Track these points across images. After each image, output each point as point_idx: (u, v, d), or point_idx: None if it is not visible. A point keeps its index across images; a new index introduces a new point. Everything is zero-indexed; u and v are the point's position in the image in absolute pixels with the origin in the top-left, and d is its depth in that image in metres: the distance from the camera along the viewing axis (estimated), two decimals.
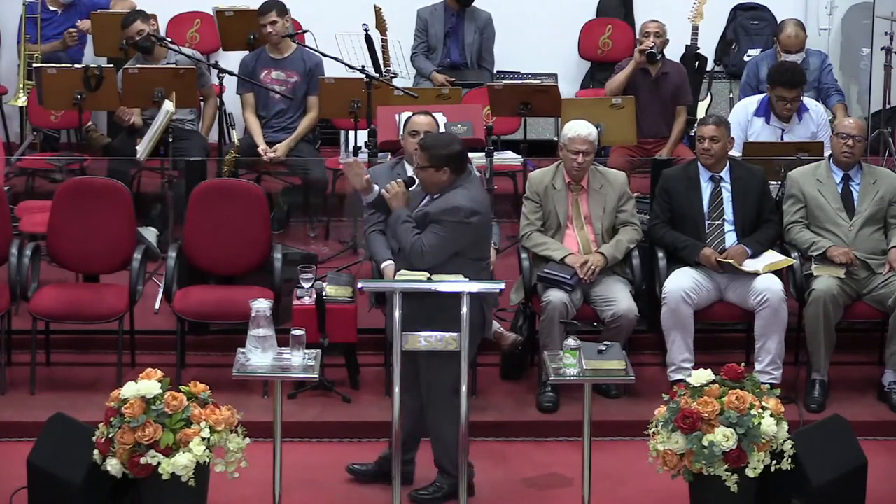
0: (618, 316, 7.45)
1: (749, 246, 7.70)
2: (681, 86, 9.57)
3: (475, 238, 6.60)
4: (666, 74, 9.51)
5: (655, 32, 9.49)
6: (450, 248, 6.53)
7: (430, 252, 6.51)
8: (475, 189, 6.66)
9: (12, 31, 10.60)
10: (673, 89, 9.52)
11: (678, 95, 9.55)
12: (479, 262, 6.66)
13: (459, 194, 6.55)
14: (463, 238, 6.53)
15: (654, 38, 9.46)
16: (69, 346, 8.05)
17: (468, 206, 6.51)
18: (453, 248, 6.53)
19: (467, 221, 6.51)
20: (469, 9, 10.58)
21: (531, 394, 7.67)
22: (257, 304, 6.38)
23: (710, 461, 6.24)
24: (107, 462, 6.22)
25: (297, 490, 6.81)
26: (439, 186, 6.58)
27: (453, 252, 6.54)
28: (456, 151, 6.59)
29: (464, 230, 6.52)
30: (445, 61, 10.52)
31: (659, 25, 9.53)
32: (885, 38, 10.14)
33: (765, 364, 7.57)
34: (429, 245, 6.51)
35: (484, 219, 6.61)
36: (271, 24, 9.47)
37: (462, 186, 6.58)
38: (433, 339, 6.51)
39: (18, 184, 9.69)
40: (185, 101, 9.03)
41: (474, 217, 6.53)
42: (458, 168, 6.58)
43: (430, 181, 6.60)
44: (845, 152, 7.79)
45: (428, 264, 6.53)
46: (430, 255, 6.51)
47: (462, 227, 6.51)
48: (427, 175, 6.60)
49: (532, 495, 6.95)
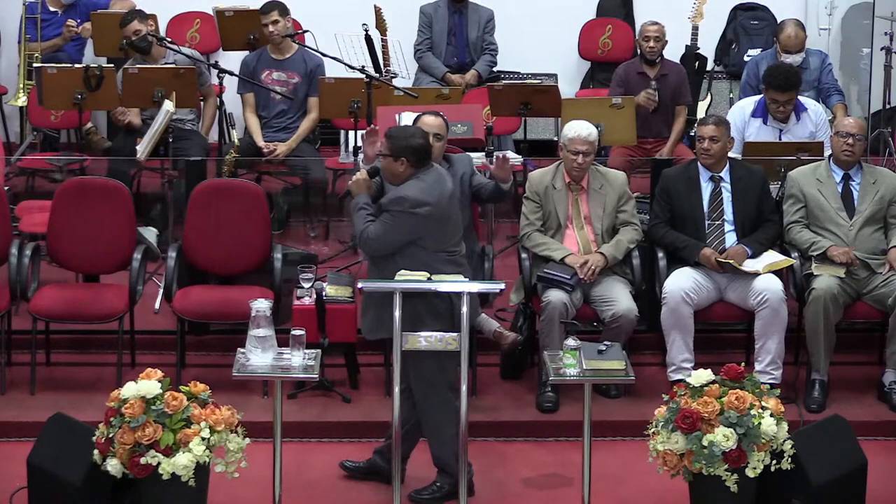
0: (618, 316, 7.45)
1: (749, 246, 7.70)
2: (680, 86, 9.59)
3: (428, 229, 6.58)
4: (665, 76, 9.52)
5: (655, 37, 9.51)
6: (394, 238, 6.55)
7: (374, 240, 6.57)
8: (431, 182, 6.64)
9: (12, 31, 10.60)
10: (672, 90, 9.54)
11: (677, 96, 9.57)
12: (442, 254, 6.64)
13: (410, 185, 6.58)
14: (408, 228, 6.55)
15: (654, 43, 9.49)
16: (69, 346, 8.05)
17: (414, 198, 6.53)
18: (399, 237, 6.55)
19: (412, 212, 6.53)
20: (471, 6, 10.59)
21: (531, 394, 7.67)
22: (257, 304, 6.38)
23: (710, 461, 6.24)
24: (107, 462, 6.22)
25: (297, 490, 6.81)
26: (398, 177, 6.63)
27: (403, 242, 6.56)
28: (416, 144, 6.64)
29: (409, 220, 6.54)
30: (452, 61, 10.53)
31: (658, 29, 9.56)
32: (885, 38, 10.14)
33: (765, 364, 7.57)
34: (373, 233, 6.57)
35: (436, 212, 6.58)
36: (273, 23, 9.47)
37: (417, 178, 6.61)
38: (433, 339, 6.52)
39: (18, 184, 9.69)
40: (184, 101, 9.03)
41: (422, 208, 6.53)
42: (416, 160, 6.61)
43: (388, 171, 6.66)
44: (845, 151, 7.79)
45: (373, 252, 6.62)
46: (373, 243, 6.58)
47: (406, 217, 6.53)
48: (386, 164, 6.65)
49: (532, 495, 6.95)
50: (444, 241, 6.64)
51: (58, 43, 10.24)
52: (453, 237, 6.70)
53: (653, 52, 9.51)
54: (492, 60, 10.55)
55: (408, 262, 6.55)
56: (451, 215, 6.68)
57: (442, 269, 6.56)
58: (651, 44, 9.51)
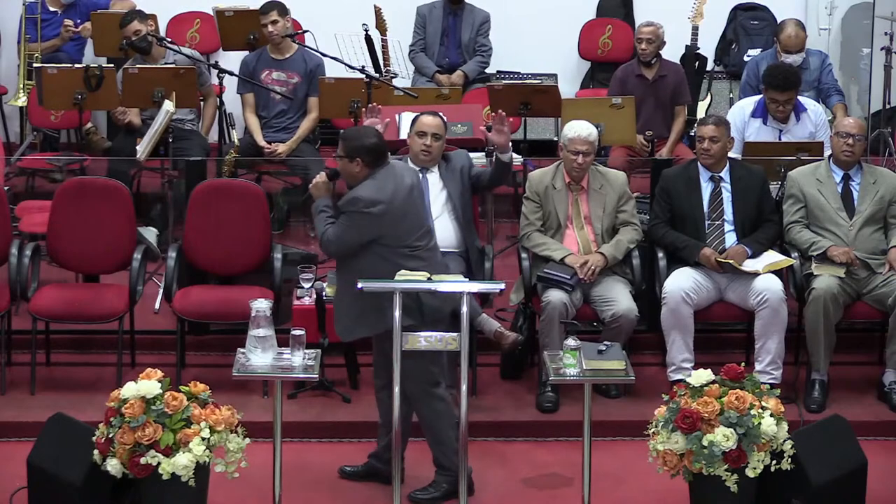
0: (618, 316, 7.45)
1: (749, 246, 7.70)
2: (679, 86, 9.59)
3: (385, 227, 6.58)
4: (663, 77, 9.52)
5: (648, 39, 9.50)
6: (352, 238, 6.56)
7: (333, 241, 6.59)
8: (385, 180, 6.64)
9: (12, 31, 10.60)
10: (671, 91, 9.54)
11: (676, 96, 9.57)
12: (404, 250, 6.64)
13: (364, 186, 6.59)
14: (365, 228, 6.55)
15: (646, 45, 9.48)
16: (69, 346, 8.05)
17: (367, 197, 6.54)
18: (356, 237, 6.56)
19: (366, 211, 6.53)
20: (467, 8, 10.58)
21: (531, 394, 7.67)
22: (257, 304, 6.38)
23: (710, 461, 6.24)
24: (107, 462, 6.22)
25: (297, 490, 6.81)
26: (355, 178, 6.64)
27: (358, 242, 6.56)
28: (370, 144, 6.64)
29: (364, 220, 6.54)
30: (444, 61, 10.52)
31: (653, 30, 9.54)
32: (885, 38, 10.14)
33: (765, 364, 7.57)
34: (332, 235, 6.59)
35: (392, 209, 6.58)
36: (272, 23, 9.47)
37: (372, 178, 6.62)
38: (433, 339, 6.52)
39: (18, 184, 9.69)
40: (184, 101, 9.03)
41: (375, 207, 6.54)
42: (371, 160, 6.61)
43: (345, 172, 6.67)
44: (845, 151, 7.79)
45: (335, 253, 6.65)
46: (332, 245, 6.60)
47: (362, 217, 6.54)
48: (342, 165, 6.67)
49: (532, 495, 6.95)
50: (404, 237, 6.65)
51: (57, 43, 10.24)
52: (415, 232, 6.69)
53: (646, 54, 9.50)
54: (482, 62, 10.54)
55: (371, 260, 6.58)
56: (408, 211, 6.67)
57: (405, 264, 6.58)
58: (643, 46, 9.50)
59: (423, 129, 7.66)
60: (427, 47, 10.57)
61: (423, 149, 7.64)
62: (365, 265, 6.57)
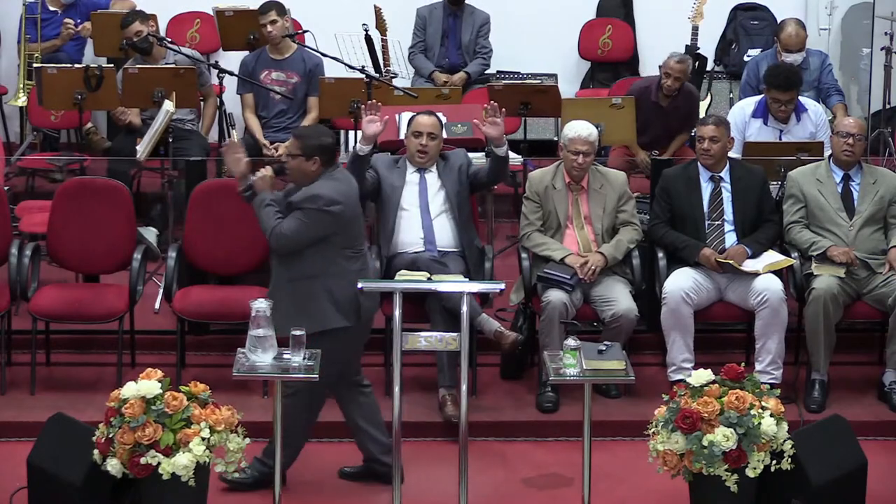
0: (618, 316, 7.45)
1: (749, 246, 7.70)
2: (690, 116, 9.32)
3: (339, 227, 6.65)
4: (677, 108, 9.33)
5: (676, 76, 9.16)
6: (308, 235, 6.61)
7: (289, 237, 6.61)
8: (341, 182, 6.72)
9: (12, 31, 10.59)
10: (682, 119, 9.35)
11: (684, 124, 9.37)
12: (347, 251, 6.71)
13: (323, 184, 6.64)
14: (322, 226, 6.61)
15: (672, 81, 9.16)
16: (69, 346, 8.05)
17: (329, 196, 6.60)
18: (312, 234, 6.61)
19: (326, 210, 6.59)
20: (468, 9, 10.58)
21: (531, 394, 7.67)
22: (257, 304, 6.37)
23: (710, 461, 6.24)
24: (107, 462, 6.22)
25: (297, 490, 6.81)
26: (308, 177, 6.67)
27: (313, 239, 6.62)
28: (327, 143, 6.71)
29: (323, 218, 6.60)
30: (444, 62, 10.52)
31: (682, 68, 9.18)
32: (885, 38, 10.14)
33: (765, 364, 7.57)
34: (288, 229, 6.61)
35: (347, 210, 6.67)
36: (271, 23, 9.47)
37: (328, 178, 6.67)
38: (433, 339, 6.52)
39: (18, 184, 9.69)
40: (185, 101, 9.03)
41: (334, 207, 6.60)
42: (327, 160, 6.68)
43: (299, 170, 6.68)
44: (846, 151, 7.79)
45: (286, 248, 6.65)
46: (287, 240, 6.61)
47: (321, 215, 6.59)
48: (297, 164, 6.68)
49: (532, 495, 6.95)
50: (352, 239, 6.72)
51: (57, 43, 10.24)
52: (360, 235, 6.81)
53: (671, 90, 9.21)
54: (484, 63, 10.53)
55: (315, 259, 6.62)
56: (357, 214, 6.79)
57: (347, 266, 6.66)
58: (670, 82, 9.17)
59: (419, 129, 7.67)
60: (427, 48, 10.56)
61: (419, 149, 7.65)
62: (308, 263, 6.63)
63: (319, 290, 6.63)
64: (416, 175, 7.75)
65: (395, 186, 7.72)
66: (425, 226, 7.68)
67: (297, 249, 6.63)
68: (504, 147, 7.57)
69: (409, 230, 7.69)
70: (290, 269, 6.67)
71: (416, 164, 7.72)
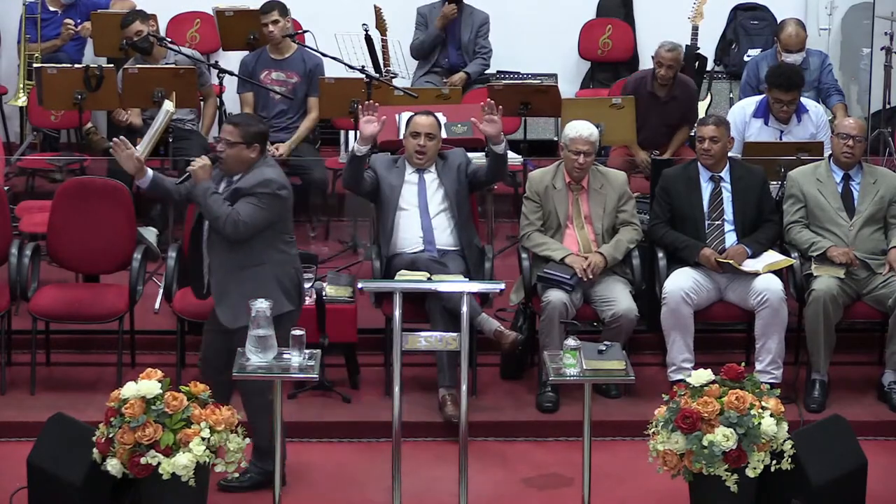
0: (618, 316, 7.45)
1: (749, 246, 7.70)
2: (688, 108, 9.38)
3: (285, 212, 6.74)
4: (674, 98, 9.37)
5: (669, 65, 9.24)
6: (263, 220, 6.64)
7: (247, 222, 6.61)
8: (279, 168, 6.83)
9: (12, 31, 10.60)
10: (680, 112, 9.39)
11: (684, 117, 9.42)
12: (286, 236, 6.78)
13: (269, 170, 6.71)
14: (275, 210, 6.66)
15: (665, 70, 9.24)
16: (69, 346, 8.05)
17: (279, 180, 6.68)
18: (266, 219, 6.65)
19: (278, 194, 6.65)
20: (467, 9, 10.57)
21: (531, 394, 7.67)
22: (257, 304, 6.37)
23: (710, 461, 6.24)
24: (107, 462, 6.22)
25: (296, 490, 6.81)
26: (245, 164, 6.69)
27: (266, 223, 6.65)
28: (263, 130, 6.79)
29: (275, 202, 6.65)
30: (444, 62, 10.52)
31: (674, 56, 9.25)
32: (885, 38, 10.14)
33: (765, 364, 7.57)
34: (245, 215, 6.61)
35: (290, 195, 6.76)
36: (273, 23, 9.47)
37: (266, 164, 6.73)
38: (433, 339, 6.52)
39: (18, 184, 9.70)
40: (185, 101, 9.03)
41: (284, 191, 6.68)
42: (263, 148, 6.74)
43: (238, 158, 6.69)
44: (845, 152, 7.79)
45: (243, 235, 6.64)
46: (245, 226, 6.62)
47: (274, 199, 6.64)
48: (236, 152, 6.68)
49: (532, 495, 6.95)
50: (289, 224, 6.80)
51: (57, 43, 10.24)
52: (291, 222, 6.89)
53: (665, 79, 9.27)
54: (483, 63, 10.52)
55: (262, 246, 6.68)
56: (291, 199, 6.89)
57: (287, 251, 6.75)
58: (663, 71, 9.24)
59: (417, 130, 7.67)
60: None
61: (417, 149, 7.66)
62: (257, 251, 6.67)
63: (269, 277, 6.66)
64: (414, 175, 7.76)
65: (394, 186, 7.72)
66: (424, 226, 7.69)
67: (252, 235, 6.64)
68: (502, 145, 7.57)
69: (409, 230, 7.69)
70: (238, 257, 6.67)
71: (415, 164, 7.72)
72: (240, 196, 6.63)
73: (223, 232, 6.63)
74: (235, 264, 6.69)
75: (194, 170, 6.71)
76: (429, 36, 10.41)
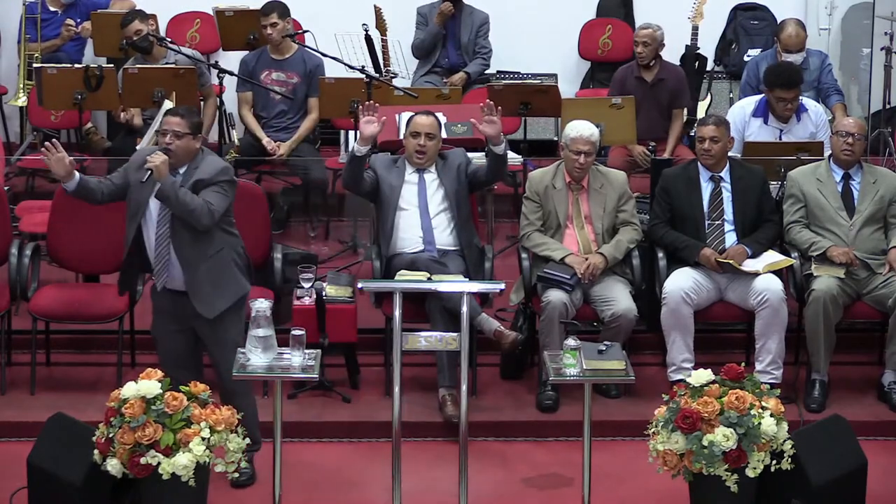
0: (617, 316, 7.45)
1: (749, 246, 7.71)
2: (678, 89, 9.55)
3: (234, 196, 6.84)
4: (662, 80, 9.47)
5: (644, 42, 9.47)
6: (226, 206, 6.73)
7: (218, 211, 6.67)
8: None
9: (12, 31, 10.60)
10: (670, 94, 9.49)
11: (675, 99, 9.51)
12: (231, 217, 6.84)
13: (217, 158, 6.83)
14: (232, 196, 6.77)
15: (642, 48, 9.45)
16: (69, 346, 8.05)
17: (231, 166, 6.84)
18: (228, 205, 6.74)
19: (234, 179, 6.80)
20: (467, 9, 10.57)
21: (531, 394, 7.67)
22: (257, 304, 6.38)
23: (710, 461, 6.24)
24: (107, 462, 6.22)
25: (297, 490, 6.81)
26: (192, 155, 6.74)
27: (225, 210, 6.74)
28: (201, 121, 6.94)
29: (233, 188, 6.78)
30: (444, 62, 10.52)
31: (649, 33, 9.48)
32: (885, 38, 10.14)
33: (765, 364, 7.57)
34: (217, 204, 6.66)
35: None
36: (272, 25, 9.47)
37: (209, 153, 6.81)
38: (433, 339, 6.53)
39: (18, 184, 9.70)
40: (185, 101, 8.99)
41: (235, 176, 6.83)
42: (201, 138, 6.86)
43: (187, 149, 6.72)
44: (845, 151, 7.79)
45: (212, 224, 6.67)
46: (217, 215, 6.67)
47: (232, 185, 6.77)
48: (185, 143, 6.71)
49: (532, 495, 6.95)
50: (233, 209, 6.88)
51: (57, 43, 10.24)
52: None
53: (643, 57, 9.45)
54: (483, 63, 10.53)
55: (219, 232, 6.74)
56: None
57: (232, 230, 6.81)
58: (640, 49, 9.46)
59: (417, 130, 7.68)
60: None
61: (417, 149, 7.66)
62: (217, 238, 6.72)
63: (228, 261, 6.75)
64: (414, 175, 7.76)
65: (394, 186, 7.72)
66: (424, 226, 7.69)
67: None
68: (502, 146, 7.57)
69: (409, 230, 7.69)
70: (203, 247, 6.70)
71: (415, 164, 7.73)
72: (202, 186, 6.66)
73: (199, 223, 6.63)
74: (201, 254, 6.72)
75: (155, 165, 6.63)
76: (429, 33, 10.42)
